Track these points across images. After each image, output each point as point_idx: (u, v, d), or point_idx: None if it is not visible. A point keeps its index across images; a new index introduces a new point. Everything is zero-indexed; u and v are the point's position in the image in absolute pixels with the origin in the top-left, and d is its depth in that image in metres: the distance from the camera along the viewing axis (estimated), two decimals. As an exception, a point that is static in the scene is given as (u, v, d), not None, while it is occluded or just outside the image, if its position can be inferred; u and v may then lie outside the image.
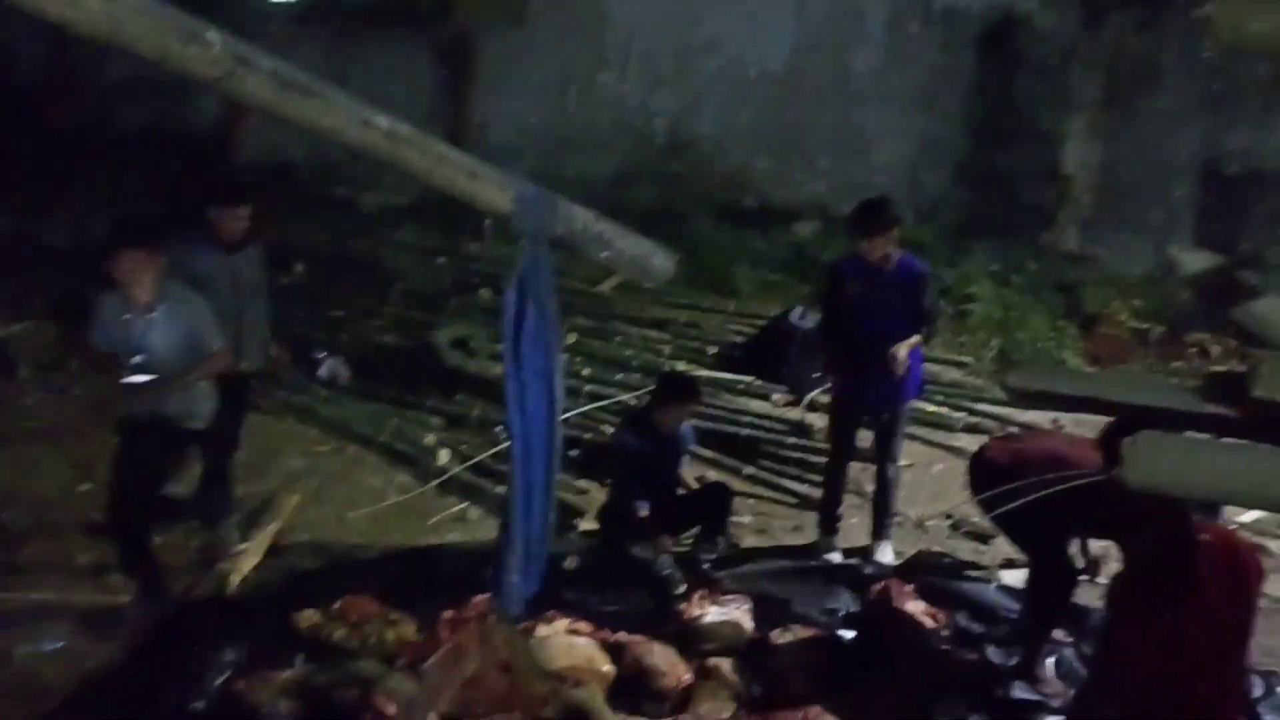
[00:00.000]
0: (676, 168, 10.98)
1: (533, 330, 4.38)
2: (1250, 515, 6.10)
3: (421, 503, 6.34)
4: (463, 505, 6.33)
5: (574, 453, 6.64)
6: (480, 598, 4.58)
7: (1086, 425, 5.01)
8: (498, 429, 7.06)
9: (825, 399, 7.13)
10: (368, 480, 6.60)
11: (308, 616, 4.72)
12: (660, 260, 4.48)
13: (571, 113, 11.43)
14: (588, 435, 6.93)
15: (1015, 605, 5.22)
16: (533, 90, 11.42)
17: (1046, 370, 3.48)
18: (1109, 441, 2.86)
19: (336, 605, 4.76)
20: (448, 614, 4.39)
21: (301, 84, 3.56)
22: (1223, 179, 9.49)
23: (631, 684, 4.49)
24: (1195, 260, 2.75)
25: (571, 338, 8.61)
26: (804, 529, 6.13)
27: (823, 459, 6.30)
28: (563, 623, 4.72)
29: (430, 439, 7.06)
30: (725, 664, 4.66)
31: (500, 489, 6.38)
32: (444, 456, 6.81)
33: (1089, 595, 5.11)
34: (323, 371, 7.97)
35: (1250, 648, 3.35)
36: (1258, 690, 4.35)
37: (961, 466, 5.26)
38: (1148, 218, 9.73)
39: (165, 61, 3.29)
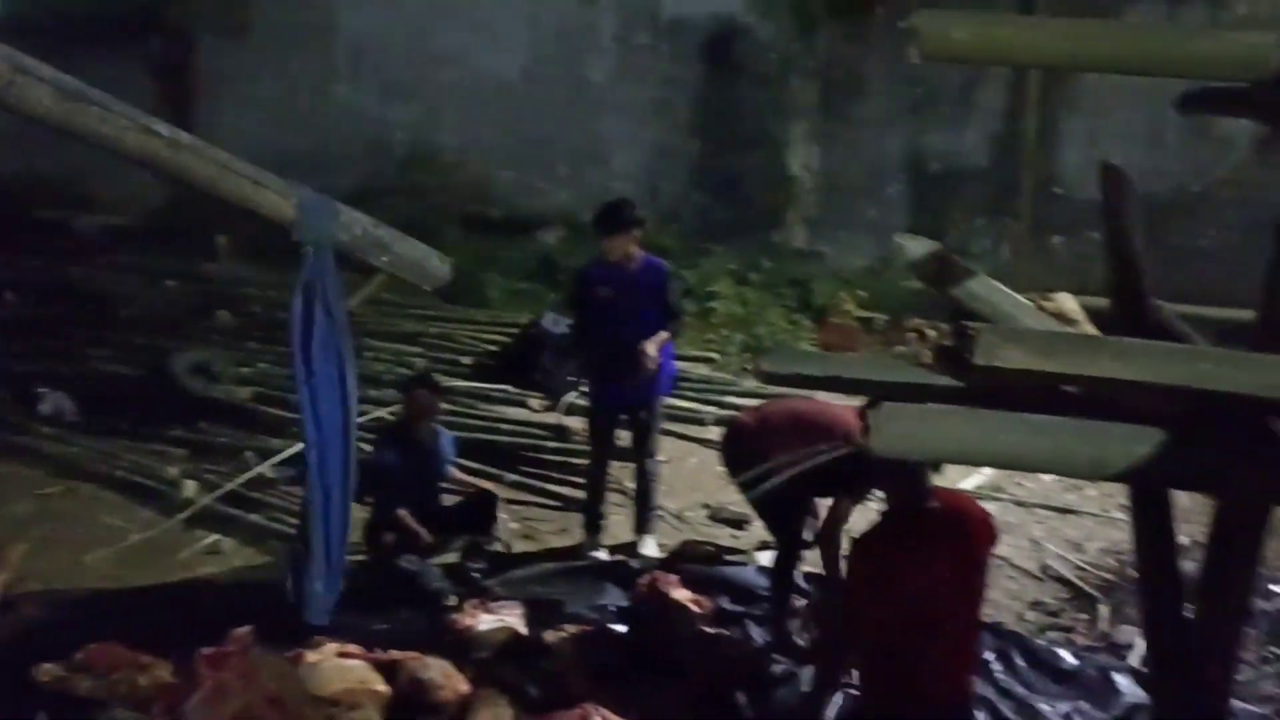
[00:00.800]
0: (419, 180, 10.88)
1: (322, 336, 4.41)
2: (972, 481, 6.69)
3: (169, 539, 6.00)
4: (214, 538, 6.04)
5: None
6: (241, 630, 4.42)
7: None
8: (247, 455, 6.82)
9: (582, 401, 7.26)
10: (106, 520, 6.18)
11: (48, 670, 4.39)
12: (437, 263, 4.63)
13: (305, 126, 11.09)
14: (344, 455, 6.75)
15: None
16: (261, 104, 11.01)
17: (794, 355, 3.79)
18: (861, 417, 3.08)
19: (79, 655, 4.44)
20: (206, 651, 4.20)
21: (80, 92, 3.45)
22: (928, 177, 10.34)
23: (409, 701, 4.43)
24: (918, 246, 3.04)
25: (320, 356, 8.37)
26: (570, 530, 6.22)
27: (583, 461, 6.42)
28: (332, 646, 4.60)
29: (173, 471, 6.68)
30: (502, 670, 4.69)
31: (254, 517, 6.18)
32: (190, 488, 6.46)
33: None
34: (44, 408, 7.42)
35: (981, 606, 3.66)
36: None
37: (715, 458, 5.49)
38: (865, 215, 10.45)
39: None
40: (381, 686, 4.43)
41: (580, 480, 6.43)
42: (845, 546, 5.10)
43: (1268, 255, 2.61)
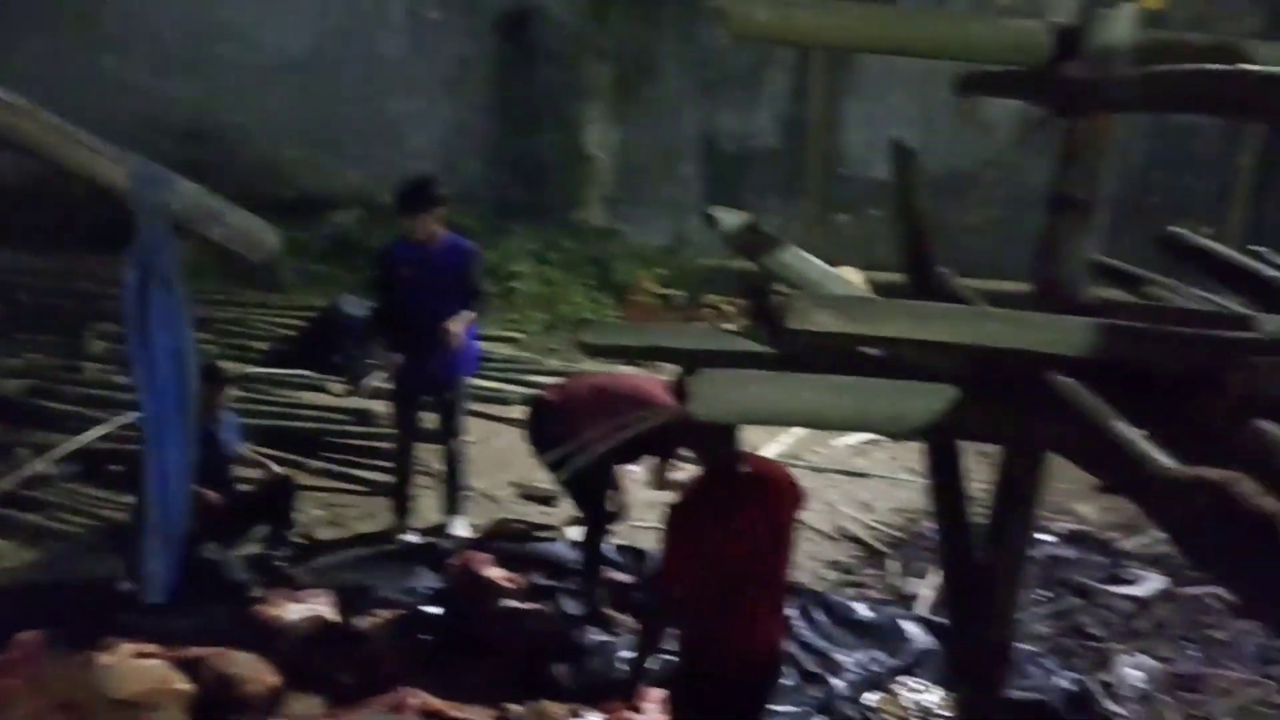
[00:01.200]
0: (201, 159, 10.33)
1: (159, 308, 4.28)
2: (773, 449, 6.97)
3: (-65, 544, 5.57)
4: (-12, 540, 5.64)
5: (116, 467, 6.16)
6: (26, 635, 4.18)
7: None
8: (20, 451, 6.37)
9: (386, 384, 7.12)
10: None
11: None
12: (269, 234, 4.58)
13: (70, 100, 10.30)
14: (129, 447, 6.41)
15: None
16: (20, 75, 10.17)
17: (615, 328, 3.89)
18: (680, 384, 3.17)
19: None
20: (-12, 659, 3.96)
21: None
22: (721, 157, 10.63)
23: (216, 697, 4.28)
24: (731, 219, 3.18)
25: (99, 346, 7.92)
26: (377, 515, 6.11)
27: (389, 444, 6.32)
28: (128, 647, 4.39)
29: (-66, 472, 6.19)
30: (313, 659, 4.59)
31: (31, 517, 5.80)
32: (-45, 489, 6.01)
33: (648, 538, 5.61)
34: None
35: (788, 567, 3.83)
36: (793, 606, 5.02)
37: (522, 437, 5.51)
38: (662, 194, 10.66)
39: None
40: (184, 684, 4.27)
41: (386, 464, 6.33)
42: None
43: (1032, 229, 2.83)
